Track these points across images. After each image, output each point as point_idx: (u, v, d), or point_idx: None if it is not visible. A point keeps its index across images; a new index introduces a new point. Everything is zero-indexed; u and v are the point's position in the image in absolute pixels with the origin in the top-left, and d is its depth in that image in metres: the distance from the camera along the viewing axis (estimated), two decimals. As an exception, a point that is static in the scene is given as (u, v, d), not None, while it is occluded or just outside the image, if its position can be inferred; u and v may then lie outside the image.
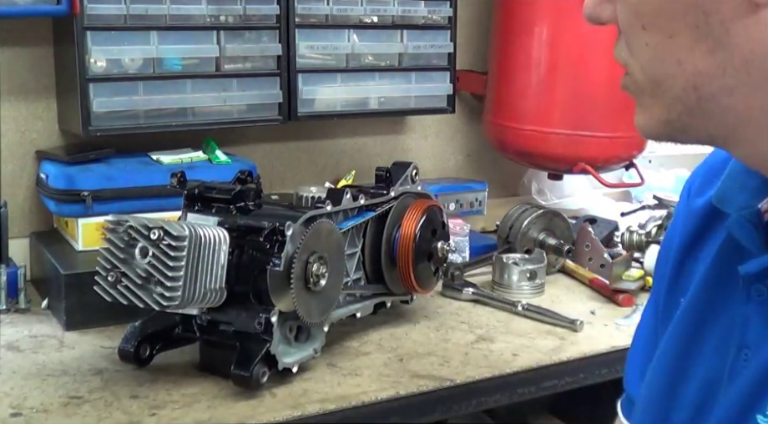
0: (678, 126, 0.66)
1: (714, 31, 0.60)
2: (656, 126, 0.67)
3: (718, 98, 0.62)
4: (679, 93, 0.63)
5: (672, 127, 0.66)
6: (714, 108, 0.63)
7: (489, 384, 1.33)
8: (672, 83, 0.63)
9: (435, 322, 1.52)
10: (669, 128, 0.66)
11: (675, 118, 0.65)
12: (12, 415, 1.14)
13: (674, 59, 0.63)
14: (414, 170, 1.49)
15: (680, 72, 0.63)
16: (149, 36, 1.55)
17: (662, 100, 0.65)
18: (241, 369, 1.18)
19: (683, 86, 0.63)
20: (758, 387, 0.67)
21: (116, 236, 1.14)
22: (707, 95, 0.62)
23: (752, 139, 0.64)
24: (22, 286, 1.51)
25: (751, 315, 0.70)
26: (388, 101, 1.85)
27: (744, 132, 0.63)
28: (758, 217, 0.71)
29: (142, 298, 1.12)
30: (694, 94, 0.63)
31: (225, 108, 1.66)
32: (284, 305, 1.21)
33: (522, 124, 1.90)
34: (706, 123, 0.64)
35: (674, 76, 0.63)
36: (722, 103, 0.62)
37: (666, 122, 0.66)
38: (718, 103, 0.62)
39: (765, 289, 0.68)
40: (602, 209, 2.14)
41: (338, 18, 1.74)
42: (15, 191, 1.66)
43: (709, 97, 0.62)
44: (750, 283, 0.69)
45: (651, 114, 0.67)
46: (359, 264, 1.42)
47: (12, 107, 1.65)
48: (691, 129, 0.65)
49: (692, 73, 0.62)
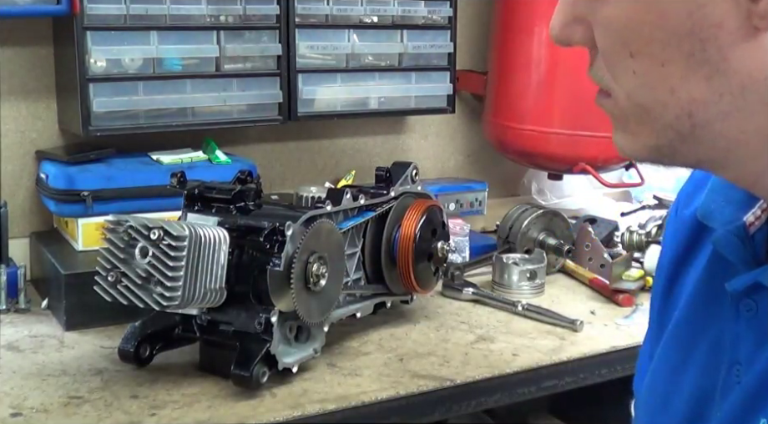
0: (666, 152, 0.64)
1: (712, 58, 0.58)
2: (642, 150, 0.65)
3: (712, 124, 0.60)
4: (672, 120, 0.61)
5: (660, 153, 0.64)
6: (707, 134, 0.61)
7: (489, 384, 1.33)
8: (663, 111, 0.61)
9: (435, 322, 1.52)
10: (657, 154, 0.64)
11: (665, 144, 0.63)
12: (12, 415, 1.14)
13: (666, 87, 0.60)
14: (414, 170, 1.49)
15: (674, 100, 0.60)
16: (149, 36, 1.55)
17: (650, 126, 0.63)
18: (241, 369, 1.18)
19: (676, 114, 0.61)
20: (750, 403, 0.66)
21: (116, 236, 1.14)
22: (702, 122, 0.60)
23: (742, 163, 0.63)
24: (22, 286, 1.51)
25: (741, 330, 0.69)
26: (388, 101, 1.85)
27: (734, 156, 0.62)
28: (744, 231, 0.70)
29: (142, 298, 1.12)
30: (688, 122, 0.61)
31: (225, 108, 1.66)
32: (284, 305, 1.21)
33: (523, 124, 1.90)
34: (697, 149, 0.62)
35: (666, 104, 0.61)
36: (716, 129, 0.60)
37: (654, 147, 0.64)
38: (712, 129, 0.61)
39: (754, 303, 0.67)
40: (602, 209, 2.14)
41: (338, 18, 1.74)
42: (15, 191, 1.66)
43: (704, 123, 0.60)
44: (739, 298, 0.68)
45: (637, 140, 0.65)
46: (359, 264, 1.42)
47: (12, 107, 1.65)
48: (679, 155, 0.64)
49: (686, 100, 0.60)
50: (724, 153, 0.62)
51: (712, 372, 0.71)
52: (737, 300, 0.68)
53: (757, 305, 0.67)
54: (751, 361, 0.67)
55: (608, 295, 1.65)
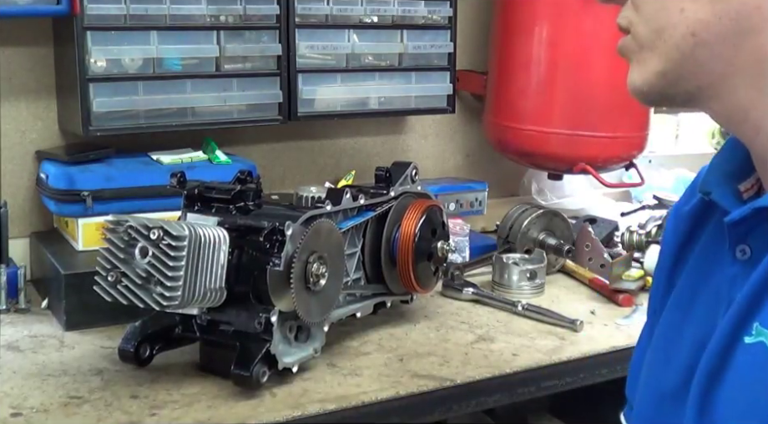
0: (671, 77, 0.72)
1: None
2: (650, 79, 0.73)
3: (711, 44, 0.70)
4: (678, 40, 0.70)
5: (666, 79, 0.73)
6: (706, 55, 0.70)
7: (489, 384, 1.33)
8: (673, 32, 0.71)
9: (435, 322, 1.52)
10: (663, 81, 0.73)
11: (671, 68, 0.72)
12: (12, 415, 1.14)
13: (677, 8, 0.70)
14: (414, 170, 1.49)
15: (682, 19, 0.70)
16: (149, 36, 1.55)
17: (660, 50, 0.72)
18: (241, 369, 1.18)
19: (683, 33, 0.70)
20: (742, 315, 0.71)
21: (116, 236, 1.14)
22: (702, 41, 0.70)
23: (733, 91, 0.71)
24: (22, 286, 1.51)
25: (737, 272, 0.73)
26: (388, 101, 1.85)
27: (728, 82, 0.71)
28: (739, 196, 0.77)
29: (142, 298, 1.12)
30: (691, 40, 0.70)
31: (225, 108, 1.66)
32: (284, 305, 1.21)
33: (522, 124, 1.90)
34: (697, 72, 0.71)
35: (676, 24, 0.70)
36: (714, 51, 0.70)
37: (661, 73, 0.72)
38: (710, 49, 0.70)
39: (749, 248, 0.73)
40: (602, 209, 2.15)
41: (338, 18, 1.74)
42: (15, 191, 1.66)
43: (704, 43, 0.70)
44: (735, 244, 0.73)
45: (647, 67, 0.73)
46: (359, 264, 1.42)
47: (12, 107, 1.65)
48: (683, 80, 0.72)
49: (693, 20, 0.69)
50: (719, 79, 0.71)
51: (711, 318, 0.76)
52: (733, 247, 0.74)
53: (751, 249, 0.72)
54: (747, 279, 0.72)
55: (608, 295, 1.65)
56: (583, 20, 1.81)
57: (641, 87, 0.74)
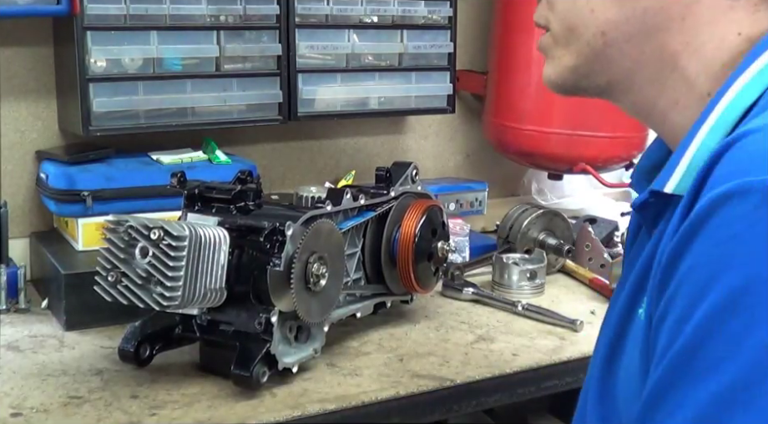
0: (582, 71, 0.77)
1: None
2: (563, 73, 0.79)
3: (619, 43, 0.74)
4: (589, 38, 0.75)
5: (577, 73, 0.78)
6: (615, 52, 0.75)
7: (489, 384, 1.33)
8: (584, 31, 0.76)
9: (435, 322, 1.52)
10: (575, 75, 0.78)
11: (582, 63, 0.77)
12: (12, 415, 1.14)
13: (588, 9, 0.75)
14: (414, 170, 1.49)
15: (593, 19, 0.75)
16: (149, 36, 1.55)
17: (573, 47, 0.77)
18: (241, 369, 1.18)
19: (593, 32, 0.75)
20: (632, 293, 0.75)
21: (116, 236, 1.14)
22: (611, 40, 0.74)
23: (640, 87, 0.76)
24: (22, 286, 1.51)
25: None
26: (388, 101, 1.85)
27: (636, 78, 0.75)
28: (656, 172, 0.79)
29: (142, 298, 1.12)
30: (601, 40, 0.75)
31: (225, 108, 1.66)
32: (284, 305, 1.21)
33: (523, 124, 1.90)
34: (606, 68, 0.76)
35: (587, 23, 0.75)
36: (622, 49, 0.74)
37: (573, 68, 0.78)
38: (619, 48, 0.74)
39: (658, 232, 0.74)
40: (602, 209, 2.14)
41: (338, 18, 1.74)
42: (15, 191, 1.66)
43: (613, 42, 0.74)
44: (650, 229, 0.76)
45: (561, 62, 0.79)
46: (359, 264, 1.42)
47: (12, 107, 1.65)
48: (593, 74, 0.77)
49: (602, 20, 0.74)
50: (627, 74, 0.76)
51: None
52: (649, 232, 0.76)
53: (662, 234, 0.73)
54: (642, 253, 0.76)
55: (608, 295, 1.65)
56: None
57: (555, 80, 0.80)
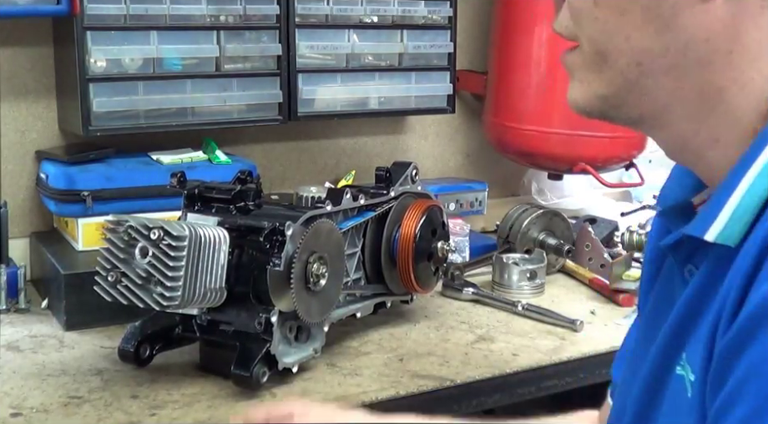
0: (614, 102, 0.70)
1: (665, 13, 0.65)
2: (592, 99, 0.71)
3: (656, 75, 0.67)
4: (623, 67, 0.68)
5: (608, 103, 0.70)
6: (651, 85, 0.67)
7: (489, 384, 1.33)
8: (618, 58, 0.68)
9: (435, 322, 1.52)
10: (605, 104, 0.71)
11: (614, 93, 0.69)
12: (12, 415, 1.14)
13: (622, 35, 0.67)
14: (414, 170, 1.49)
15: (628, 47, 0.67)
16: (149, 36, 1.55)
17: (604, 74, 0.69)
18: (241, 369, 1.18)
19: (627, 61, 0.67)
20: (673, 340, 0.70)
21: (116, 236, 1.14)
22: (648, 71, 0.67)
23: (676, 122, 0.69)
24: (22, 286, 1.51)
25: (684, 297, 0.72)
26: (388, 101, 1.85)
27: (671, 112, 0.68)
28: (690, 209, 0.76)
29: (142, 298, 1.12)
30: (636, 70, 0.67)
31: (225, 108, 1.66)
32: (284, 305, 1.21)
33: (523, 124, 1.90)
34: (640, 101, 0.69)
35: (621, 51, 0.67)
36: (658, 81, 0.67)
37: (603, 97, 0.70)
38: (655, 80, 0.67)
39: (695, 268, 0.71)
40: (602, 209, 2.14)
41: (338, 18, 1.74)
42: (15, 191, 1.66)
43: (650, 73, 0.67)
44: (682, 265, 0.72)
45: (590, 88, 0.71)
46: (359, 264, 1.42)
47: (12, 107, 1.65)
48: (625, 106, 0.70)
49: (638, 49, 0.67)
50: (662, 109, 0.69)
51: None
52: (681, 267, 0.72)
53: (697, 268, 0.70)
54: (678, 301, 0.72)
55: (608, 295, 1.65)
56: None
57: (583, 106, 0.73)
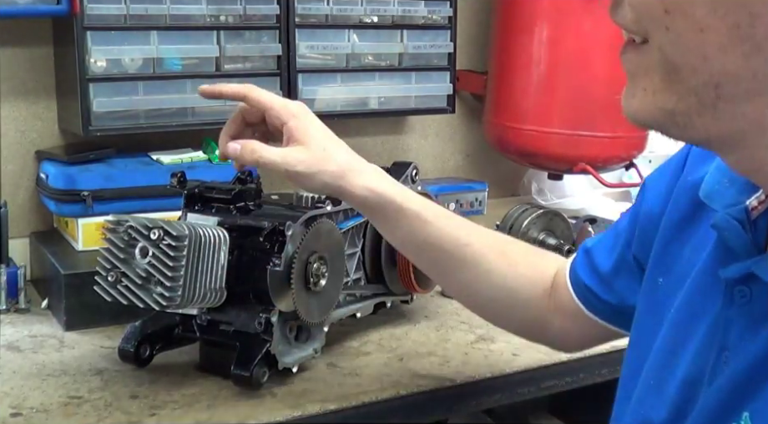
0: (680, 121, 0.61)
1: (758, 35, 0.55)
2: (654, 112, 0.62)
3: (738, 101, 0.58)
4: (698, 87, 0.58)
5: (673, 120, 0.61)
6: (729, 110, 0.58)
7: (489, 384, 1.33)
8: (691, 76, 0.58)
9: (435, 322, 1.52)
10: (669, 121, 0.61)
11: (683, 111, 0.60)
12: (12, 415, 1.14)
13: (700, 53, 0.57)
14: (414, 170, 1.49)
15: (705, 67, 0.57)
16: (149, 36, 1.55)
17: (675, 88, 0.60)
18: (241, 369, 1.18)
19: (704, 81, 0.58)
20: (735, 393, 0.66)
21: (116, 236, 1.14)
22: (728, 96, 0.58)
23: (752, 147, 0.61)
24: (22, 286, 1.51)
25: (734, 317, 0.68)
26: (388, 101, 1.85)
27: (748, 140, 0.60)
28: (746, 214, 0.68)
29: (142, 298, 1.12)
30: (714, 93, 0.58)
31: (225, 108, 1.66)
32: (284, 305, 1.21)
33: (523, 124, 1.90)
34: (712, 125, 0.60)
35: (697, 70, 0.58)
36: (739, 108, 0.58)
37: (670, 112, 0.61)
38: (735, 106, 0.58)
39: (749, 290, 0.66)
40: (602, 209, 2.14)
41: (338, 18, 1.74)
42: (15, 191, 1.66)
43: (730, 98, 0.58)
44: (734, 285, 0.67)
45: (654, 100, 0.61)
46: (359, 264, 1.42)
47: (12, 107, 1.65)
48: (692, 128, 0.61)
49: (718, 71, 0.57)
50: (739, 135, 0.60)
51: (703, 357, 0.71)
52: (732, 286, 0.67)
53: (751, 291, 0.65)
54: (738, 349, 0.67)
55: (609, 295, 1.65)
56: (583, 20, 1.81)
57: (642, 118, 0.63)
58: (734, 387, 0.66)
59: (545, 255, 1.18)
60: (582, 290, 1.02)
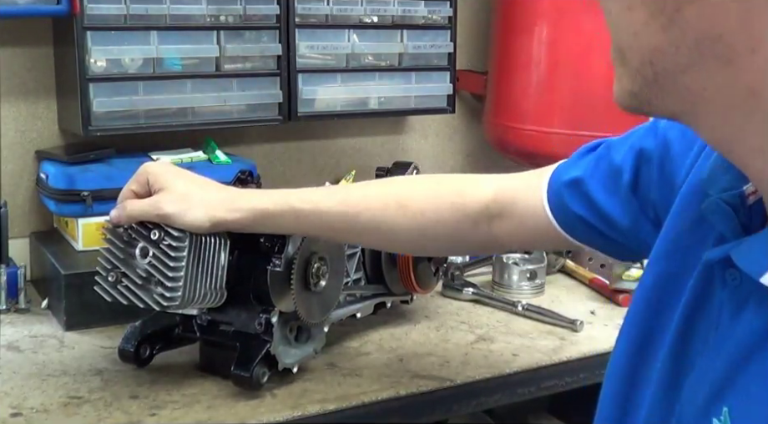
0: (642, 99, 0.65)
1: (668, 8, 0.59)
2: (625, 97, 0.66)
3: (674, 75, 0.61)
4: (638, 65, 0.63)
5: (637, 99, 0.65)
6: (670, 84, 0.62)
7: (489, 384, 1.33)
8: (632, 56, 0.63)
9: (435, 322, 1.52)
10: (636, 101, 0.66)
11: (638, 90, 0.64)
12: (12, 415, 1.14)
13: (631, 31, 0.63)
14: (414, 170, 1.49)
15: (637, 45, 0.62)
16: (149, 36, 1.55)
17: (626, 70, 0.65)
18: (241, 369, 1.18)
19: (640, 60, 0.63)
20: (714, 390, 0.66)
21: (116, 236, 1.14)
22: (662, 71, 0.62)
23: (710, 120, 0.63)
24: (22, 286, 1.51)
25: (725, 302, 0.68)
26: (388, 101, 1.85)
27: (702, 112, 0.63)
28: (740, 199, 0.69)
29: (142, 298, 1.12)
30: (650, 69, 0.62)
31: (225, 108, 1.66)
32: (284, 306, 1.21)
33: (523, 124, 1.90)
34: (666, 100, 0.64)
35: (632, 48, 0.63)
36: (678, 81, 0.61)
37: (631, 93, 0.65)
38: (674, 80, 0.62)
39: (739, 274, 0.66)
40: (602, 209, 2.14)
41: (338, 18, 1.74)
42: (15, 191, 1.66)
43: (664, 73, 0.62)
44: (724, 268, 0.67)
45: (621, 84, 0.66)
46: (359, 264, 1.42)
47: (12, 107, 1.65)
48: (654, 105, 0.65)
49: (647, 47, 0.62)
50: (692, 108, 0.63)
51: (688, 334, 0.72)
52: (723, 270, 0.67)
53: (741, 276, 0.65)
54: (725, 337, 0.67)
55: (608, 295, 1.65)
56: (583, 20, 1.81)
57: (620, 102, 0.68)
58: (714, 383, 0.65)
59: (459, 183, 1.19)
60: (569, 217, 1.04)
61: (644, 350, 0.80)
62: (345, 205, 1.14)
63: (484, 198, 1.13)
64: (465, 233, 1.13)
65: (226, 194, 1.16)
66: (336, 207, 1.14)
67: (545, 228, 1.06)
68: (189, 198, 1.13)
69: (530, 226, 1.08)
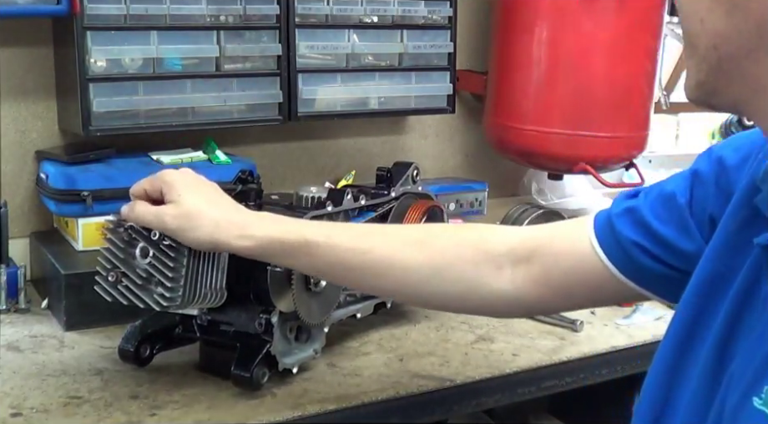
0: (708, 88, 0.68)
1: None
2: (693, 88, 0.70)
3: (738, 59, 0.64)
4: (704, 52, 0.66)
5: (704, 90, 0.69)
6: (734, 69, 0.65)
7: (489, 384, 1.33)
8: (697, 42, 0.67)
9: (435, 322, 1.52)
10: (702, 91, 0.69)
11: (704, 79, 0.68)
12: (12, 415, 1.14)
13: (697, 18, 0.66)
14: (415, 170, 1.49)
15: (703, 31, 0.66)
16: (149, 36, 1.55)
17: (695, 60, 0.68)
18: (241, 369, 1.18)
19: (706, 45, 0.66)
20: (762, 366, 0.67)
21: (116, 236, 1.14)
22: (726, 56, 0.65)
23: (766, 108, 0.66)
24: (22, 286, 1.51)
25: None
26: (388, 101, 1.85)
27: (762, 100, 0.66)
28: None
29: (142, 298, 1.12)
30: (715, 54, 0.66)
31: (225, 108, 1.66)
32: (284, 306, 1.21)
33: (523, 124, 1.90)
34: (729, 87, 0.67)
35: (699, 34, 0.66)
36: (741, 66, 0.65)
37: (699, 84, 0.69)
38: (738, 64, 0.65)
39: None
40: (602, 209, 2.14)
41: (338, 18, 1.74)
42: (15, 191, 1.66)
43: (728, 58, 0.65)
44: None
45: (690, 76, 0.69)
46: (359, 264, 1.41)
47: (12, 107, 1.65)
48: (718, 93, 0.68)
49: (712, 33, 0.65)
50: (753, 95, 0.66)
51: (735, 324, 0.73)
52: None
53: None
54: None
55: (608, 295, 1.65)
56: (583, 20, 1.81)
57: (689, 95, 0.71)
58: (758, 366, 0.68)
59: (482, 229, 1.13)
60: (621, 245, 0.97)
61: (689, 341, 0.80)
62: (359, 240, 1.07)
63: (510, 241, 1.07)
64: (485, 278, 1.05)
65: (239, 218, 1.08)
66: (350, 241, 1.07)
67: (588, 266, 0.98)
68: (195, 217, 1.06)
69: (566, 266, 1.01)
